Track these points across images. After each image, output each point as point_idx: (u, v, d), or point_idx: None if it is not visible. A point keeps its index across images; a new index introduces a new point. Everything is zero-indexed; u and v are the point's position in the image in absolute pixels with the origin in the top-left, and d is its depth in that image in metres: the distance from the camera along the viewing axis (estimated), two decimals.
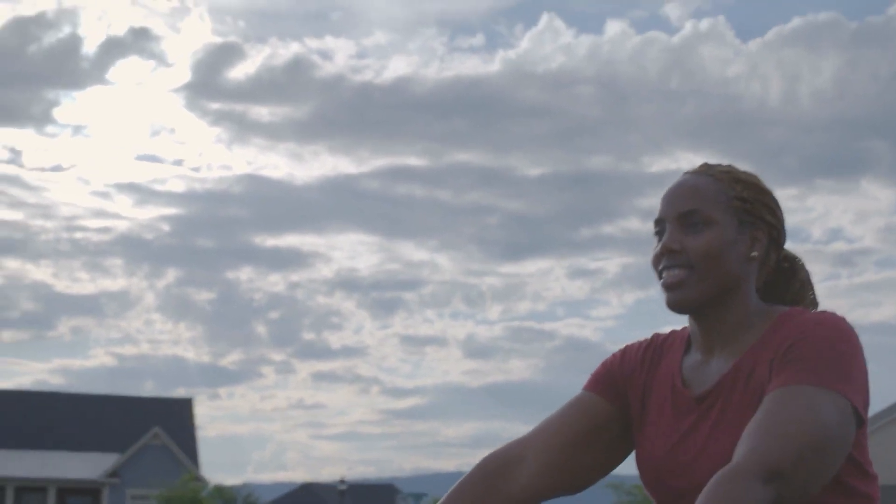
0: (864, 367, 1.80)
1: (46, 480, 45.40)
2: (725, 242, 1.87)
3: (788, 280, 2.02)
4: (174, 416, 48.91)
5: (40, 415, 48.87)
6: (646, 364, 1.99)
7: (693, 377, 1.91)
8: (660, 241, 1.91)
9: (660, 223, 1.93)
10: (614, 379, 1.99)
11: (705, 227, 1.87)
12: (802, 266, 2.04)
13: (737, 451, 1.66)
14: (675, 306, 1.88)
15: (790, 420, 1.67)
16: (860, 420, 1.78)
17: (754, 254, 1.90)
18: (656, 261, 1.91)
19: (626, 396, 1.98)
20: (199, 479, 41.59)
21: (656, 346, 2.01)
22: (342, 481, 47.89)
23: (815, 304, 2.03)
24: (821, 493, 1.75)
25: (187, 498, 39.25)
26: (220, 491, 41.96)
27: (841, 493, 1.81)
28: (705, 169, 1.95)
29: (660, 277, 1.90)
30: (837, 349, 1.76)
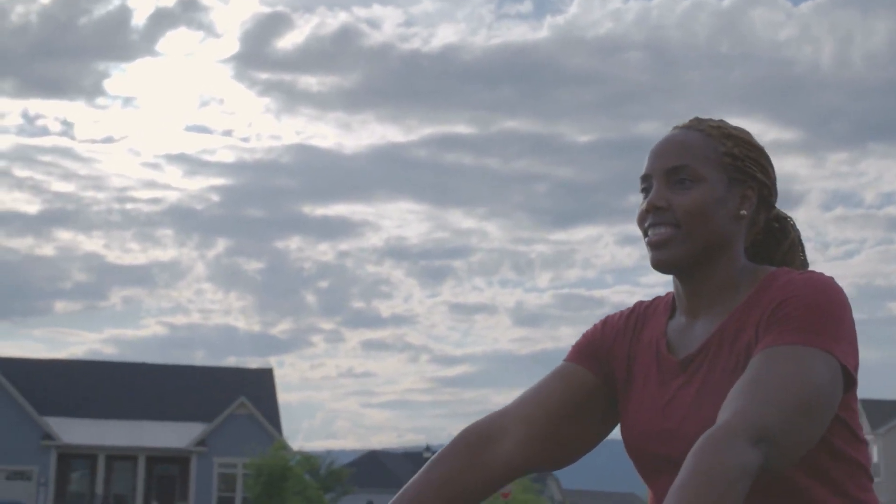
0: (853, 327, 1.74)
1: (136, 449, 46.58)
2: (714, 200, 1.81)
3: (779, 240, 1.96)
4: (256, 386, 49.76)
5: (128, 385, 49.98)
6: (629, 332, 1.94)
7: (678, 341, 1.86)
8: (646, 198, 1.86)
9: (646, 179, 1.87)
10: (596, 349, 1.95)
11: (693, 183, 1.81)
12: (793, 226, 1.97)
13: (721, 413, 1.60)
14: (660, 266, 1.82)
15: (778, 381, 1.62)
16: (849, 381, 1.72)
17: (743, 212, 1.84)
18: (642, 219, 1.85)
19: (609, 367, 1.93)
20: (286, 448, 42.33)
21: (639, 314, 1.96)
22: (427, 448, 48.43)
23: (805, 264, 1.97)
24: (811, 457, 1.71)
25: (278, 466, 40.00)
26: (307, 459, 42.71)
27: (831, 457, 1.75)
28: (695, 123, 1.89)
29: (645, 236, 1.85)
30: (826, 309, 1.70)
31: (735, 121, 1.94)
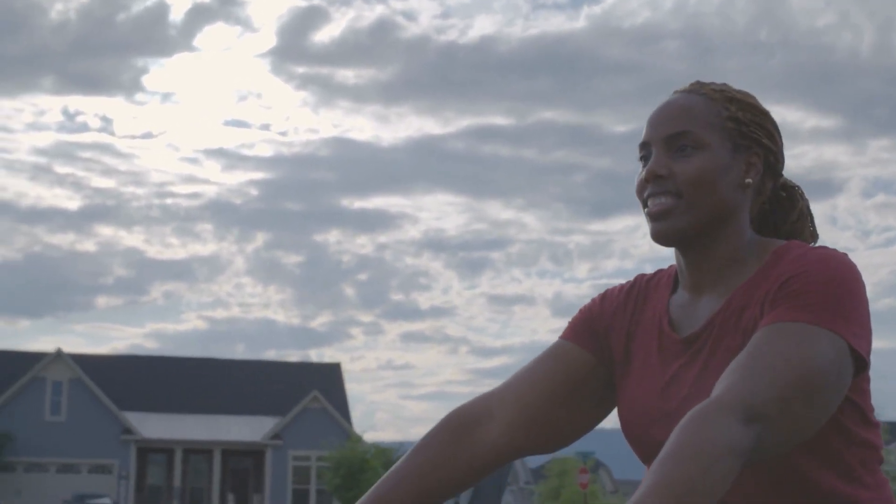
0: (866, 308, 1.61)
1: (212, 443, 47.49)
2: (718, 168, 1.69)
3: (786, 211, 1.83)
4: (326, 380, 50.63)
5: (203, 380, 50.98)
6: (629, 307, 1.81)
7: (681, 318, 1.74)
8: (645, 166, 1.74)
9: (645, 147, 1.74)
10: (594, 326, 1.82)
11: (695, 150, 1.69)
12: (802, 195, 1.84)
13: (716, 388, 1.49)
14: (661, 238, 1.70)
15: (778, 358, 1.50)
16: (861, 364, 1.59)
17: (749, 180, 1.71)
18: (641, 188, 1.73)
19: (607, 344, 1.81)
20: (361, 441, 43.17)
21: (640, 288, 1.83)
22: None
23: (814, 236, 1.84)
24: (821, 439, 1.60)
25: (357, 459, 40.83)
26: (381, 451, 43.55)
27: (842, 439, 1.63)
28: (697, 87, 1.77)
29: (645, 206, 1.72)
30: (836, 286, 1.58)
31: (774, 108, 1.83)
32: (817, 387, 1.51)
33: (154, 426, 47.54)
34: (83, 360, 48.94)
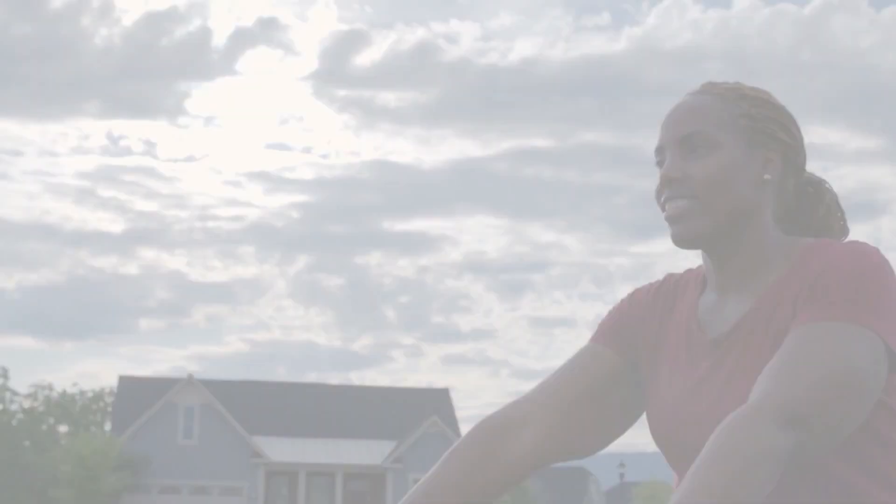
0: None
1: (334, 466, 48.44)
2: (733, 166, 1.65)
3: (813, 206, 1.77)
4: (438, 405, 51.87)
5: (323, 405, 52.23)
6: (658, 308, 1.78)
7: (709, 319, 1.70)
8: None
9: (660, 152, 1.72)
10: (623, 328, 1.79)
11: (709, 150, 1.66)
12: (829, 189, 1.79)
13: (752, 394, 1.46)
14: (681, 241, 1.67)
15: (813, 359, 1.47)
16: (894, 361, 1.54)
17: (767, 176, 1.67)
18: (658, 193, 1.71)
19: (636, 346, 1.78)
20: None
21: (669, 288, 1.79)
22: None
23: (844, 231, 1.78)
24: (855, 446, 1.55)
25: None
26: None
27: (879, 448, 1.58)
28: (708, 87, 1.74)
29: (663, 211, 1.70)
30: (868, 281, 1.54)
31: (817, 130, 1.62)
32: (854, 386, 1.47)
33: (280, 450, 48.73)
34: (213, 386, 50.36)
